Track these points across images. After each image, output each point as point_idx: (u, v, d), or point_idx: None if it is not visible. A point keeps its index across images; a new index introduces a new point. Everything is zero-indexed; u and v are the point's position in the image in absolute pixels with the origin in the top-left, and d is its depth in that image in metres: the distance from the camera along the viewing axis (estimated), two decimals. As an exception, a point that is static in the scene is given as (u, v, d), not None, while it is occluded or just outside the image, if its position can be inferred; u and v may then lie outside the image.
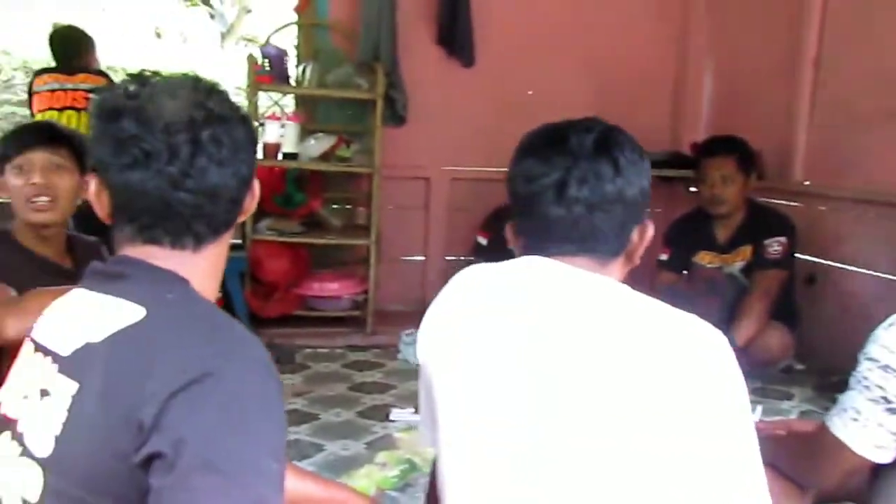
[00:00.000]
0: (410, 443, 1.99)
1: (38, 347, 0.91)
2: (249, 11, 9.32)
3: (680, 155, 4.12)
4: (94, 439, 0.78)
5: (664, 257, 3.28)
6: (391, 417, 2.44)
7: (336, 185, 3.83)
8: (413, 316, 3.76)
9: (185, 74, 0.95)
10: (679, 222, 3.40)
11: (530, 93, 4.10)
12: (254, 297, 3.40)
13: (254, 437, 0.77)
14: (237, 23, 9.44)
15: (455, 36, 3.81)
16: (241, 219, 0.97)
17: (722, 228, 3.17)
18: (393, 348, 3.28)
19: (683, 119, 4.31)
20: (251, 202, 0.97)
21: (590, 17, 4.09)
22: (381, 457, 1.90)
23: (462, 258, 4.13)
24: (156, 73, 0.92)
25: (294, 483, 1.23)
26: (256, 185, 0.97)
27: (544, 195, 0.99)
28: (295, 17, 3.75)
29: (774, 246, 2.99)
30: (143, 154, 0.85)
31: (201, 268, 0.92)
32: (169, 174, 0.86)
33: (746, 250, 3.08)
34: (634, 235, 1.03)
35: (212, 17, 9.28)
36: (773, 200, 3.39)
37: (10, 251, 1.78)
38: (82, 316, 0.87)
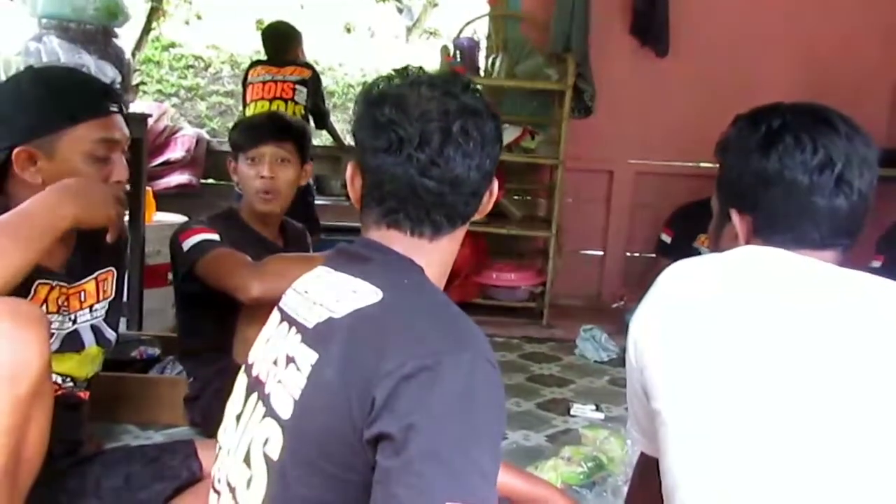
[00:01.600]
0: (596, 440, 1.95)
1: (285, 318, 0.97)
2: (436, 5, 9.56)
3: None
4: (329, 407, 0.82)
5: (877, 264, 2.94)
6: (572, 413, 2.40)
7: (518, 175, 3.83)
8: (589, 311, 3.77)
9: (444, 71, 0.99)
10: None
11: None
12: (435, 283, 3.49)
13: (478, 433, 0.78)
14: (423, 16, 9.72)
15: (650, 25, 3.67)
16: (477, 216, 0.98)
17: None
18: (569, 342, 3.23)
19: (905, 114, 3.88)
20: (489, 201, 0.99)
21: (801, 5, 3.78)
22: (567, 451, 1.87)
23: (643, 255, 4.00)
24: (419, 69, 0.97)
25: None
26: (496, 184, 0.99)
27: (824, 185, 0.94)
28: (487, 9, 3.78)
29: None
30: (398, 138, 0.90)
31: (435, 257, 0.95)
32: (418, 160, 0.90)
33: (984, 263, 2.70)
34: None
35: (399, 11, 9.62)
36: None
37: (237, 228, 1.97)
38: (326, 293, 0.92)
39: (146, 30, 8.36)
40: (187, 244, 1.85)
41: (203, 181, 3.91)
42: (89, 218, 1.25)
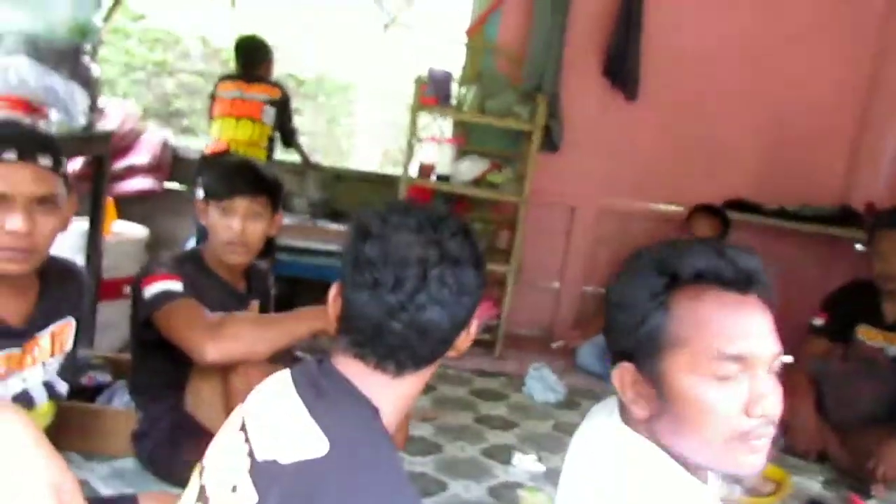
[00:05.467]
0: None
1: (243, 427, 0.99)
2: (412, 3, 9.54)
3: (850, 211, 3.86)
4: None
5: (819, 322, 3.03)
6: (513, 462, 2.47)
7: (482, 206, 3.88)
8: (542, 343, 3.84)
9: (437, 211, 0.99)
10: (844, 289, 3.14)
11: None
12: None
13: None
14: (399, 14, 9.69)
15: (622, 69, 3.74)
16: (454, 353, 1.01)
17: (891, 304, 2.92)
18: (519, 378, 3.30)
19: (860, 173, 4.02)
20: (465, 340, 1.01)
21: (768, 56, 3.90)
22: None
23: (599, 290, 4.09)
24: (410, 204, 0.98)
25: None
26: (475, 325, 1.01)
27: None
28: (464, 39, 3.79)
29: None
30: (373, 279, 0.93)
31: (396, 393, 0.97)
32: (388, 303, 0.92)
33: (920, 332, 2.84)
34: None
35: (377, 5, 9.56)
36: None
37: (200, 272, 1.97)
38: (281, 422, 0.95)
39: (117, 1, 8.16)
40: (149, 291, 1.85)
41: (166, 185, 3.87)
42: None
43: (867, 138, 4.00)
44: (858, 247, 3.79)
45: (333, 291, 1.01)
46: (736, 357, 0.91)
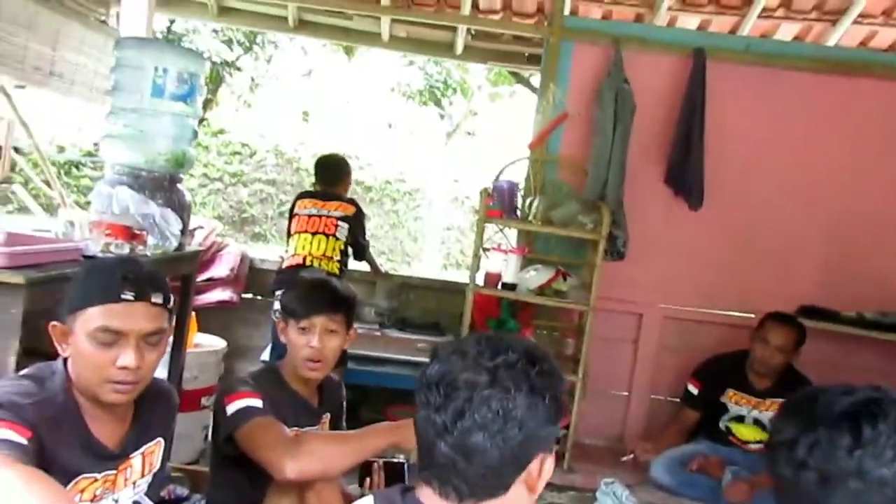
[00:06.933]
0: None
1: None
2: (475, 114, 9.98)
3: (928, 318, 3.72)
4: None
5: None
6: (589, 586, 2.38)
7: (548, 313, 3.90)
8: (612, 454, 3.74)
9: (507, 341, 1.02)
10: None
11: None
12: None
13: None
14: (463, 122, 10.11)
15: (684, 177, 3.79)
16: (529, 492, 1.00)
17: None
18: (589, 492, 3.21)
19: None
20: (537, 480, 1.00)
21: (831, 165, 3.90)
22: None
23: (668, 399, 4.01)
24: (488, 334, 1.04)
25: None
26: (550, 462, 1.00)
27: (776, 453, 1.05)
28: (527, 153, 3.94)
29: None
30: (426, 400, 0.99)
31: None
32: (435, 423, 0.97)
33: None
34: None
35: (441, 117, 10.03)
36: None
37: (277, 387, 2.05)
38: None
39: (199, 120, 8.78)
40: (231, 408, 1.92)
41: (243, 295, 4.05)
42: None
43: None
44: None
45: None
46: None
